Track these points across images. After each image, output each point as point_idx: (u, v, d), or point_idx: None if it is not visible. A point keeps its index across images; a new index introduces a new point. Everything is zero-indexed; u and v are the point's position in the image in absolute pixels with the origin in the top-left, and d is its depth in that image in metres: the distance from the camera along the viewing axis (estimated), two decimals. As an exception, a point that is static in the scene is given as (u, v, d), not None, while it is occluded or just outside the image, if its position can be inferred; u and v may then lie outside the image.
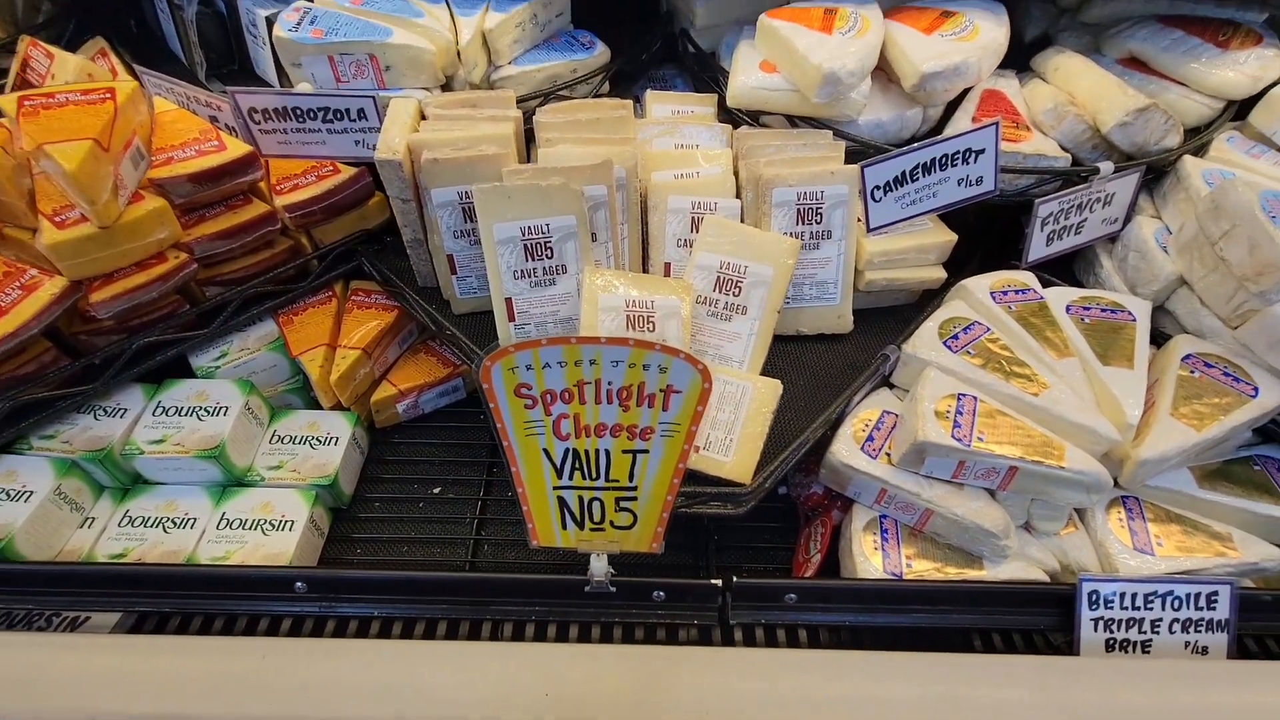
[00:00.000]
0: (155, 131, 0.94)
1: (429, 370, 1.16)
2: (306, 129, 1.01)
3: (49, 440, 0.93)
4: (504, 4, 1.07)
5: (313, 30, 0.96)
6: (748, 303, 0.95)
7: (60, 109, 0.83)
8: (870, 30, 1.01)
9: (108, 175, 0.81)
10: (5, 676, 0.73)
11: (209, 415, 0.98)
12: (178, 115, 0.97)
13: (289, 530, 0.94)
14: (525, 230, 0.89)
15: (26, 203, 0.85)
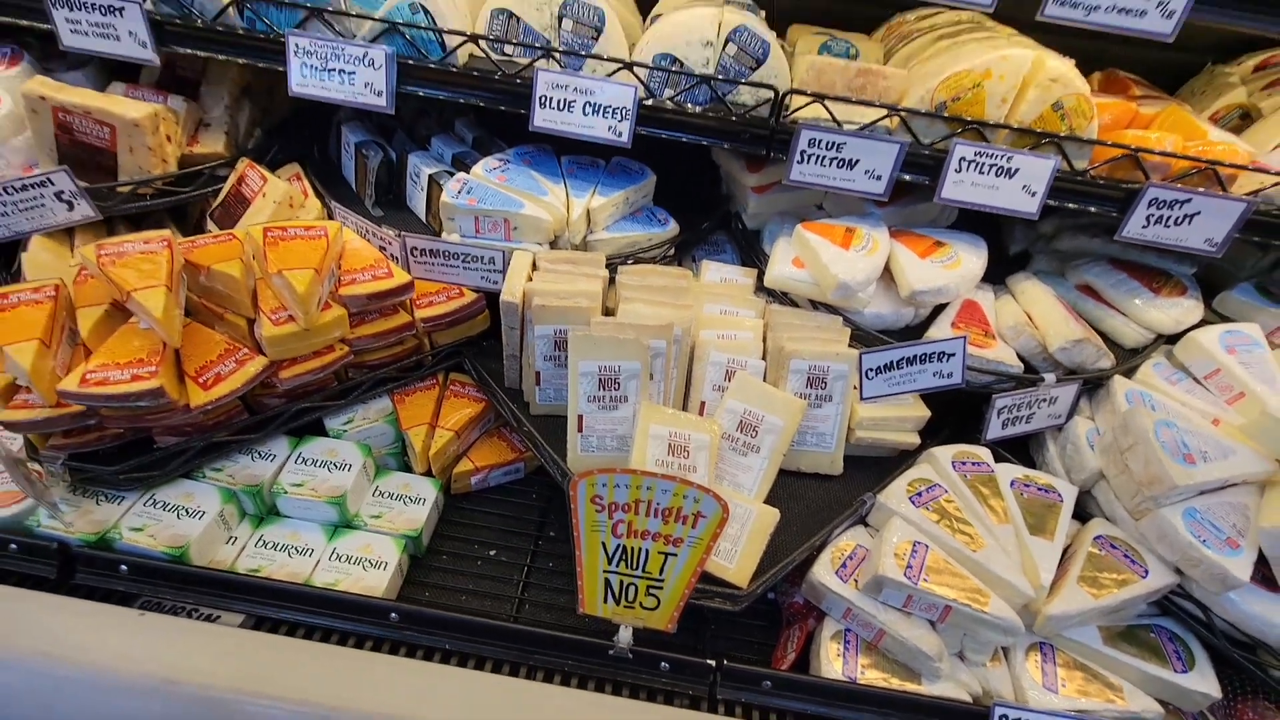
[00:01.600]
0: (344, 256, 1.27)
1: (499, 453, 1.45)
2: (450, 265, 1.34)
3: (218, 472, 1.22)
4: (607, 190, 1.42)
5: (468, 199, 1.30)
6: (761, 444, 1.23)
7: (291, 241, 1.17)
8: (878, 251, 1.34)
9: (317, 293, 1.13)
10: (177, 655, 0.98)
11: (336, 469, 1.26)
12: (361, 245, 1.30)
13: (383, 570, 1.20)
14: (602, 368, 1.20)
15: (250, 299, 1.17)
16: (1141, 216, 1.27)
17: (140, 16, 1.24)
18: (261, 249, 1.14)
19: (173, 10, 1.29)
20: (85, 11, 1.26)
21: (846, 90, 1.29)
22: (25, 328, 1.02)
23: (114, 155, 1.38)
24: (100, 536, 1.10)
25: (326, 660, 1.01)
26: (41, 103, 1.29)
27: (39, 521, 1.11)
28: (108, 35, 1.28)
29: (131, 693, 0.93)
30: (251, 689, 0.95)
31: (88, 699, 0.95)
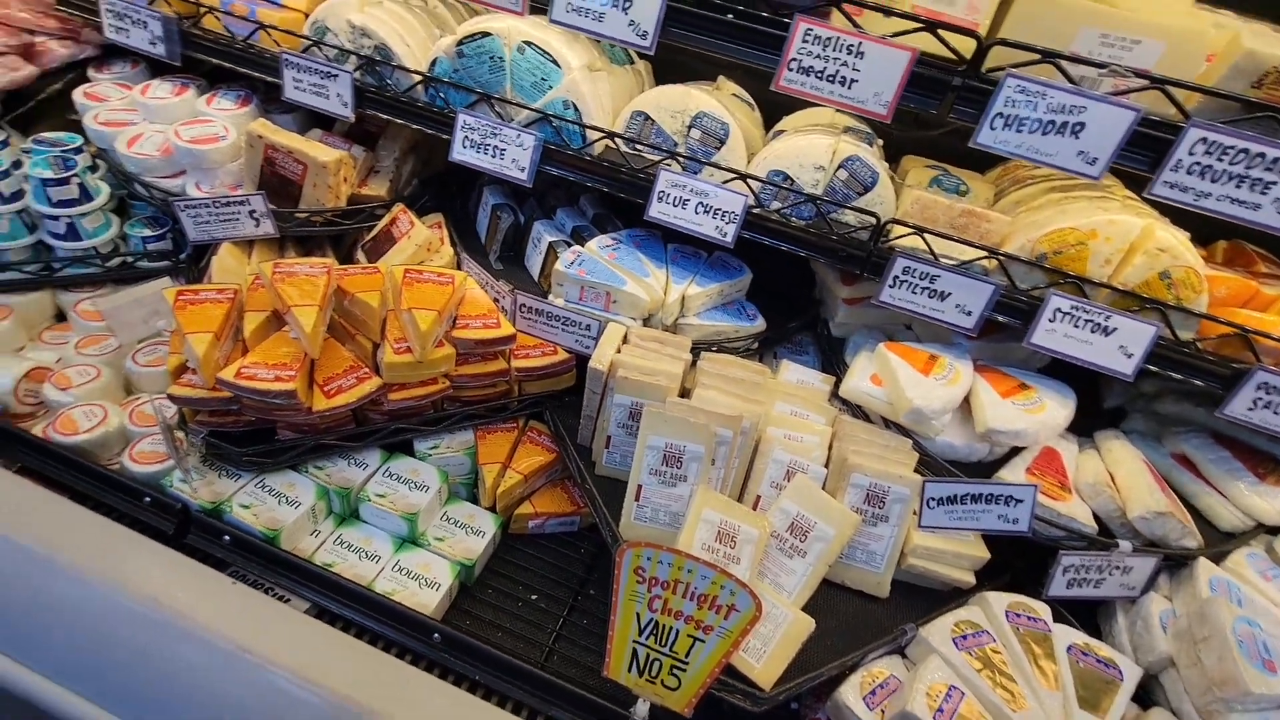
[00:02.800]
0: (463, 302, 1.44)
1: (559, 503, 1.53)
2: (551, 325, 1.49)
3: (319, 470, 1.38)
4: (705, 281, 1.53)
5: (579, 269, 1.45)
6: (809, 550, 1.25)
7: (425, 284, 1.35)
8: (959, 383, 1.36)
9: (436, 332, 1.29)
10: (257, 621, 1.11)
11: (416, 488, 1.39)
12: (479, 294, 1.47)
13: (435, 590, 1.30)
14: (668, 445, 1.27)
15: (379, 327, 1.35)
16: (1248, 398, 1.22)
17: (349, 83, 1.51)
18: (399, 286, 1.32)
19: (373, 80, 1.56)
20: (308, 74, 1.54)
21: (949, 227, 1.35)
22: (205, 321, 1.23)
23: (300, 187, 1.64)
24: (215, 506, 1.27)
25: (374, 663, 1.10)
26: (259, 140, 1.57)
27: (171, 483, 1.30)
28: (320, 94, 1.56)
29: (211, 649, 1.06)
30: (306, 675, 1.05)
31: (176, 647, 1.09)
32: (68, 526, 1.21)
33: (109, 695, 1.18)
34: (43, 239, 1.61)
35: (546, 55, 1.40)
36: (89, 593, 1.13)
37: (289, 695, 1.06)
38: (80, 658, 1.15)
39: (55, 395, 1.41)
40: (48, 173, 1.52)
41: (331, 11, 1.53)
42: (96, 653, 1.15)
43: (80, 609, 1.15)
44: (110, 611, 1.13)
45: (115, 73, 1.85)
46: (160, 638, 1.10)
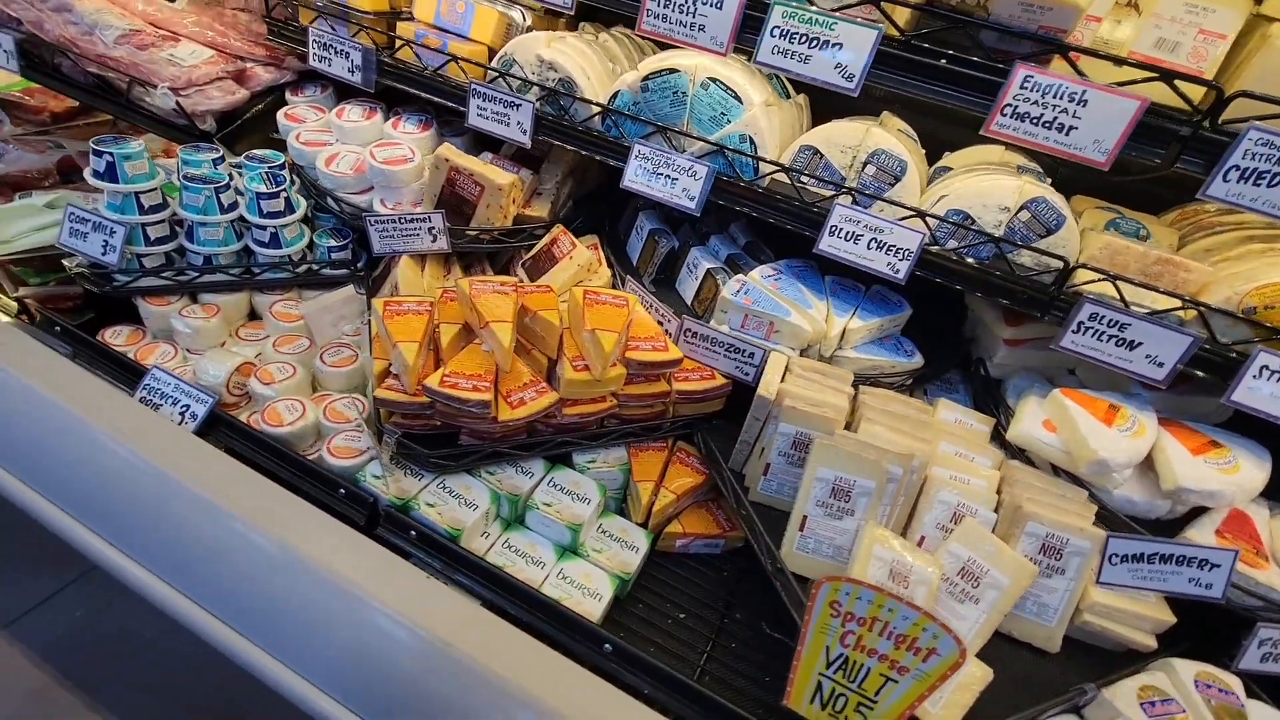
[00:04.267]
0: (631, 324, 1.50)
1: (706, 525, 1.56)
2: (713, 350, 1.53)
3: (490, 475, 1.46)
4: (866, 315, 1.54)
5: (745, 298, 1.49)
6: (982, 597, 1.23)
7: (603, 305, 1.42)
8: (1144, 436, 1.31)
9: (615, 353, 1.35)
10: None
11: (578, 500, 1.45)
12: (644, 316, 1.53)
13: (598, 601, 1.35)
14: (838, 478, 1.28)
15: (557, 344, 1.42)
16: None
17: (530, 113, 1.61)
18: (581, 306, 1.39)
19: (552, 110, 1.65)
20: (492, 103, 1.65)
21: (1141, 274, 1.31)
22: (411, 331, 1.34)
23: (474, 207, 1.76)
24: (405, 503, 1.37)
25: (555, 664, 1.16)
26: (445, 163, 1.69)
27: (365, 477, 1.41)
28: (501, 121, 1.67)
29: (401, 629, 1.15)
30: (496, 670, 1.12)
31: (374, 630, 1.17)
32: (275, 506, 1.33)
33: (308, 666, 1.28)
34: (247, 245, 1.78)
35: (730, 91, 1.46)
36: (301, 570, 1.24)
37: (478, 681, 1.13)
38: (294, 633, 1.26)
39: (259, 389, 1.56)
40: (262, 187, 1.69)
41: (521, 46, 1.64)
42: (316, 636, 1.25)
43: (291, 583, 1.26)
44: (320, 594, 1.24)
45: (308, 96, 2.03)
46: (361, 615, 1.19)
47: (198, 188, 1.64)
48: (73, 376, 1.48)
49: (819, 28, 1.17)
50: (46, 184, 2.07)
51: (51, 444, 1.44)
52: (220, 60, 1.91)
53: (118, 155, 1.54)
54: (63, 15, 1.90)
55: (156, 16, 1.99)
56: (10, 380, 1.43)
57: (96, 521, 1.44)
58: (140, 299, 1.70)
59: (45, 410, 1.42)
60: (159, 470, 1.35)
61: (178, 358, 1.68)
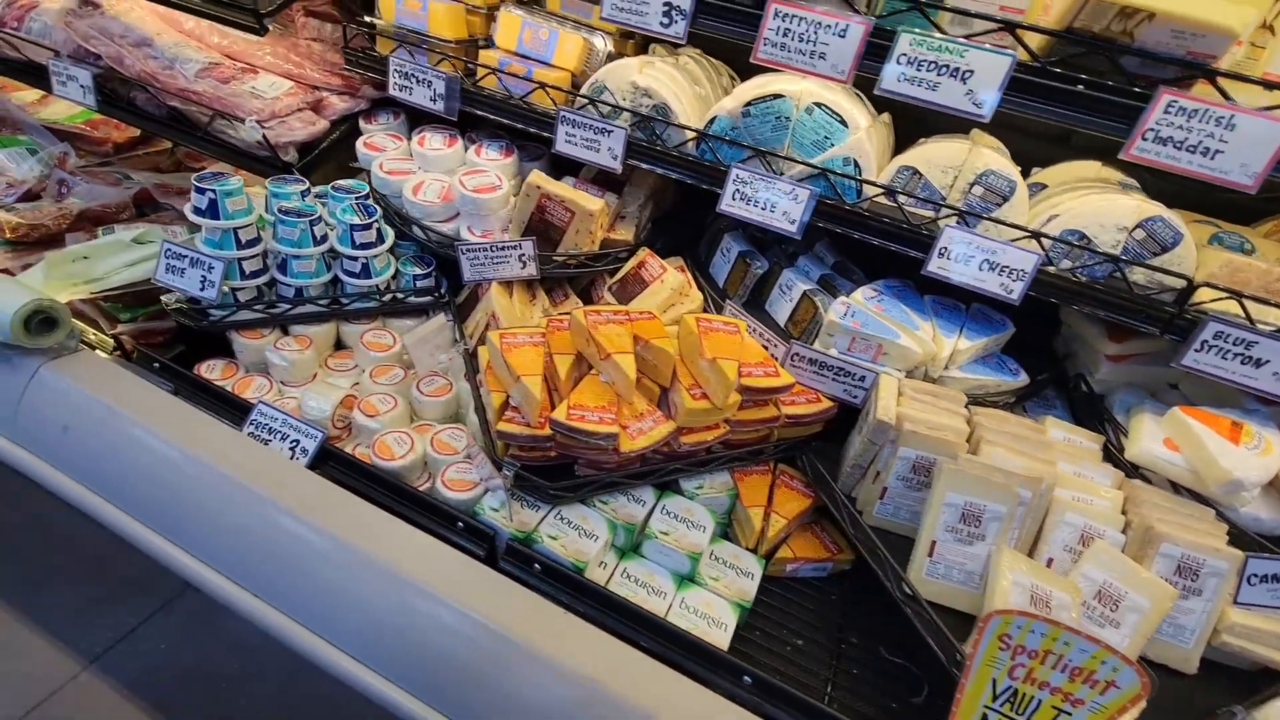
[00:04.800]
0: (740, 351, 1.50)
1: (815, 549, 1.56)
2: (821, 374, 1.52)
3: (604, 504, 1.46)
4: (973, 335, 1.54)
5: (853, 321, 1.49)
6: (1123, 621, 1.22)
7: (718, 333, 1.42)
8: (1273, 454, 1.30)
9: (735, 381, 1.35)
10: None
11: (694, 527, 1.45)
12: (752, 343, 1.52)
13: (724, 630, 1.34)
14: (968, 504, 1.28)
15: (670, 372, 1.42)
16: None
17: (623, 139, 1.61)
18: (697, 335, 1.39)
19: (643, 135, 1.66)
20: (582, 129, 1.65)
21: (1263, 291, 1.30)
22: (532, 364, 1.34)
23: (562, 233, 1.76)
24: (527, 536, 1.36)
25: (709, 702, 1.15)
26: (536, 190, 1.70)
27: (483, 510, 1.41)
28: (591, 148, 1.67)
29: (553, 673, 1.14)
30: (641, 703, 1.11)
31: (521, 670, 1.17)
32: (402, 541, 1.33)
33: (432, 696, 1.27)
34: (336, 276, 1.78)
35: (835, 115, 1.46)
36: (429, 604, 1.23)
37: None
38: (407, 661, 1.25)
39: (363, 421, 1.56)
40: (355, 219, 1.69)
41: (613, 73, 1.65)
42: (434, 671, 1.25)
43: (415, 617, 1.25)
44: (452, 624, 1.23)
45: (383, 124, 2.04)
46: (499, 651, 1.19)
47: (293, 221, 1.64)
48: (183, 415, 1.48)
49: (949, 55, 1.17)
50: (123, 217, 2.07)
51: (165, 480, 1.43)
52: (299, 91, 1.92)
53: (220, 192, 1.54)
54: (143, 50, 1.91)
55: (232, 49, 2.00)
56: (124, 421, 1.43)
57: (211, 555, 1.43)
58: (234, 333, 1.70)
59: (159, 448, 1.42)
60: (280, 506, 1.35)
61: (274, 391, 1.68)
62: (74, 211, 1.96)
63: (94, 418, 1.43)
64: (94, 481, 1.44)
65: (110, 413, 1.43)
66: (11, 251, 1.87)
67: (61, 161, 2.30)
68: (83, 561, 2.19)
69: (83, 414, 1.44)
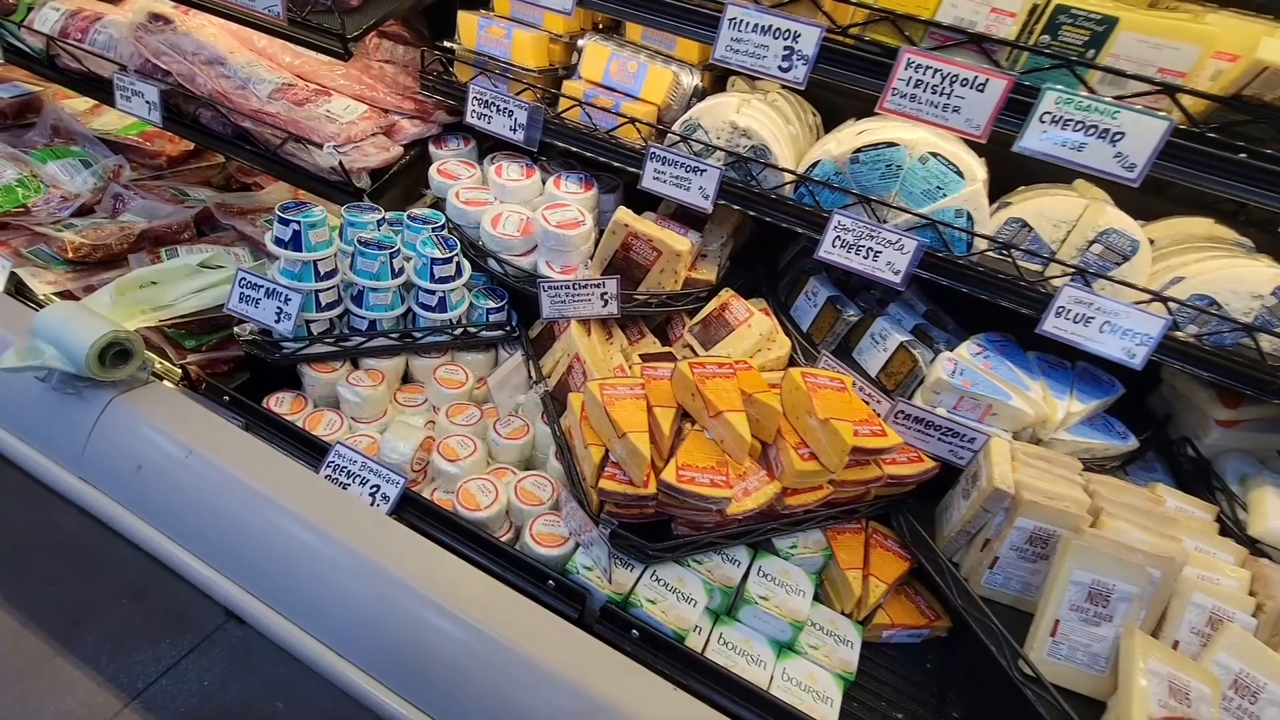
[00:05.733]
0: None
1: (912, 614, 1.49)
2: (926, 433, 1.46)
3: (699, 564, 1.39)
4: (1085, 397, 1.48)
5: (962, 380, 1.43)
6: (1263, 715, 1.15)
7: (825, 390, 1.36)
8: None
9: (850, 444, 1.29)
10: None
11: (793, 592, 1.38)
12: (856, 397, 1.45)
13: (830, 706, 1.27)
14: (1095, 582, 1.21)
15: (775, 430, 1.36)
16: None
17: (716, 178, 1.56)
18: (805, 392, 1.33)
19: (738, 176, 1.60)
20: (672, 167, 1.60)
21: (1407, 367, 1.25)
22: (636, 419, 1.27)
23: (646, 271, 1.70)
24: (625, 598, 1.30)
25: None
26: (624, 228, 1.64)
27: (575, 568, 1.34)
28: (681, 186, 1.62)
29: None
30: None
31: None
32: (492, 599, 1.26)
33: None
34: (411, 309, 1.72)
35: (951, 166, 1.41)
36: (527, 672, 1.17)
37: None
38: None
39: (444, 466, 1.49)
40: (436, 252, 1.63)
41: (709, 112, 1.60)
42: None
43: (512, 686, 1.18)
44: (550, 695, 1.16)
45: (453, 150, 1.98)
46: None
47: (373, 253, 1.58)
48: (260, 456, 1.41)
49: (1099, 115, 1.12)
50: (185, 238, 2.02)
51: (244, 525, 1.36)
52: (373, 115, 1.87)
53: (305, 224, 1.49)
54: (215, 69, 1.86)
55: (304, 69, 1.95)
56: (203, 462, 1.37)
57: (286, 604, 1.36)
58: (306, 366, 1.63)
59: (240, 492, 1.35)
60: (365, 557, 1.28)
61: (344, 427, 1.61)
62: (136, 231, 1.90)
63: (171, 457, 1.37)
64: (167, 524, 1.38)
65: (188, 452, 1.36)
66: (72, 272, 1.82)
67: (116, 175, 2.25)
68: (122, 588, 2.11)
69: (158, 452, 1.38)
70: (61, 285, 1.76)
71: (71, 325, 1.38)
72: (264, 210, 2.14)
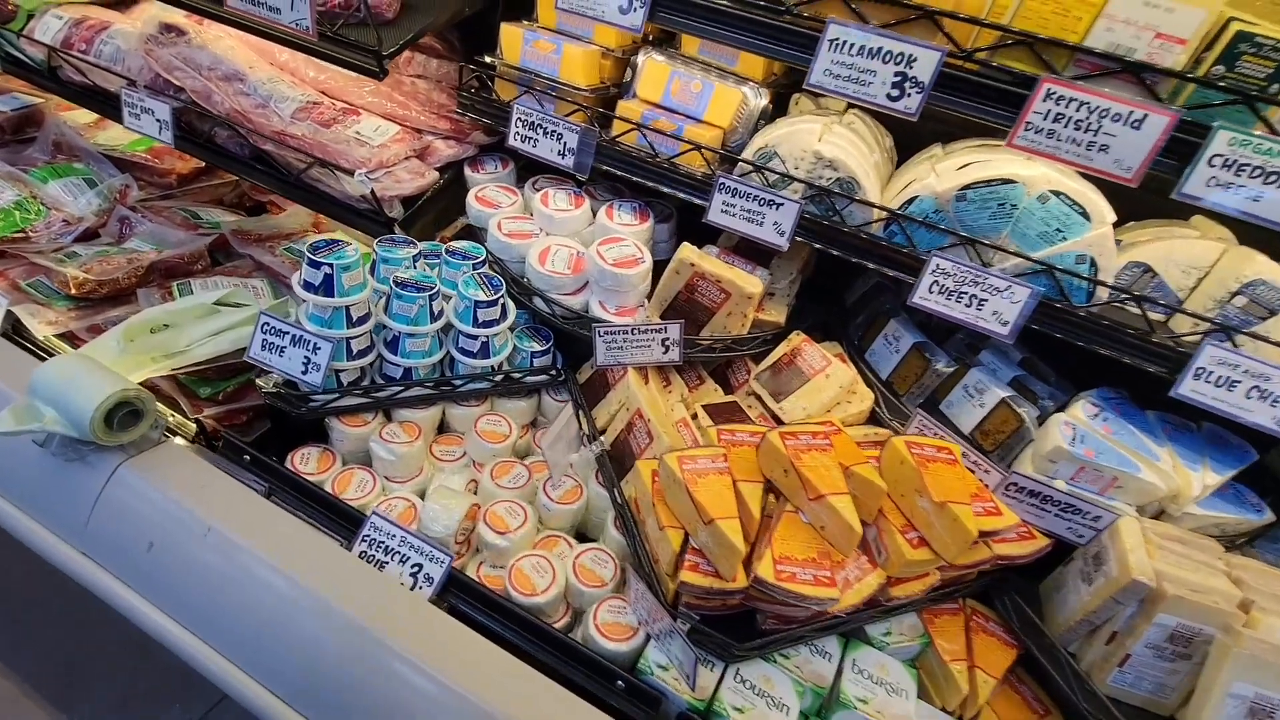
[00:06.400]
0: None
1: (1022, 711, 1.30)
2: (1042, 508, 1.30)
3: (785, 659, 1.22)
4: (1220, 468, 1.31)
5: (1084, 449, 1.26)
6: None
7: (936, 465, 1.19)
8: None
9: (975, 534, 1.12)
10: None
11: (894, 693, 1.21)
12: (963, 469, 1.28)
13: (944, 832, 1.11)
14: (1259, 696, 1.05)
15: (877, 510, 1.19)
16: None
17: (795, 213, 1.39)
18: (914, 467, 1.16)
19: (818, 211, 1.44)
20: (744, 199, 1.43)
21: None
22: (724, 501, 1.11)
23: (711, 314, 1.53)
24: (708, 706, 1.13)
25: None
26: (689, 268, 1.48)
27: (649, 667, 1.17)
28: (753, 220, 1.45)
29: None
30: None
31: None
32: (556, 708, 1.10)
33: None
34: (449, 353, 1.55)
35: (1075, 206, 1.24)
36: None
37: None
38: None
39: (492, 539, 1.32)
40: (480, 294, 1.46)
41: (787, 139, 1.43)
42: None
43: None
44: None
45: (490, 173, 1.82)
46: None
47: (412, 296, 1.42)
48: (285, 531, 1.25)
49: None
50: (198, 269, 1.85)
51: (265, 613, 1.20)
52: (406, 137, 1.70)
53: (337, 267, 1.32)
54: (233, 85, 1.69)
55: (329, 85, 1.78)
56: (222, 542, 1.20)
57: (310, 708, 1.20)
58: (335, 419, 1.47)
59: (263, 575, 1.19)
60: (409, 658, 1.12)
61: (378, 488, 1.45)
62: (145, 263, 1.74)
63: (187, 535, 1.20)
64: (184, 612, 1.21)
65: (206, 530, 1.20)
66: (75, 309, 1.65)
67: (122, 195, 2.08)
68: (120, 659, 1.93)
69: (172, 529, 1.21)
70: (63, 325, 1.60)
71: (74, 383, 1.22)
72: (283, 236, 1.98)
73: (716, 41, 1.33)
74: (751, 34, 1.27)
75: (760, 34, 1.25)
